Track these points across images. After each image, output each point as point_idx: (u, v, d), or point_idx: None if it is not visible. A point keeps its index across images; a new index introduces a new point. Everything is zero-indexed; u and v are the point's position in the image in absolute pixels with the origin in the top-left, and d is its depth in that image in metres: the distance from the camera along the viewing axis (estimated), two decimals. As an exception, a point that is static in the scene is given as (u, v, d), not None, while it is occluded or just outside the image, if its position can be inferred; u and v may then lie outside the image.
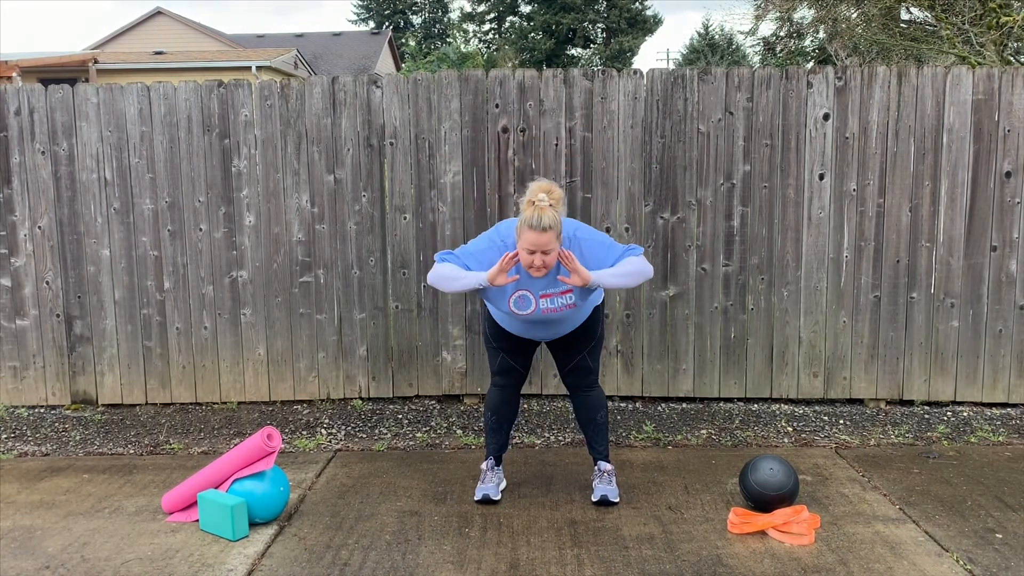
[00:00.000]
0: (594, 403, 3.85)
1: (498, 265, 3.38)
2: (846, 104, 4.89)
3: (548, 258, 3.36)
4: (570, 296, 3.51)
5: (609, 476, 3.85)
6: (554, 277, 3.48)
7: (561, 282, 3.45)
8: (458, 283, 3.49)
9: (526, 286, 3.51)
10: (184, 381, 5.22)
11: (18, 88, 5.06)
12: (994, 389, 5.05)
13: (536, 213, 3.31)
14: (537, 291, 3.51)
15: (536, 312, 3.54)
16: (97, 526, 3.69)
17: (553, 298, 3.51)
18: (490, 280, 3.39)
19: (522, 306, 3.53)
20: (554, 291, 3.50)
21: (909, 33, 13.84)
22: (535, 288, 3.51)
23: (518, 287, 3.51)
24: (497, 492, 3.86)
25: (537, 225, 3.30)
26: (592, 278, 3.40)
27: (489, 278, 3.39)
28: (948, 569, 3.23)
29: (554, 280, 3.48)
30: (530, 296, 3.52)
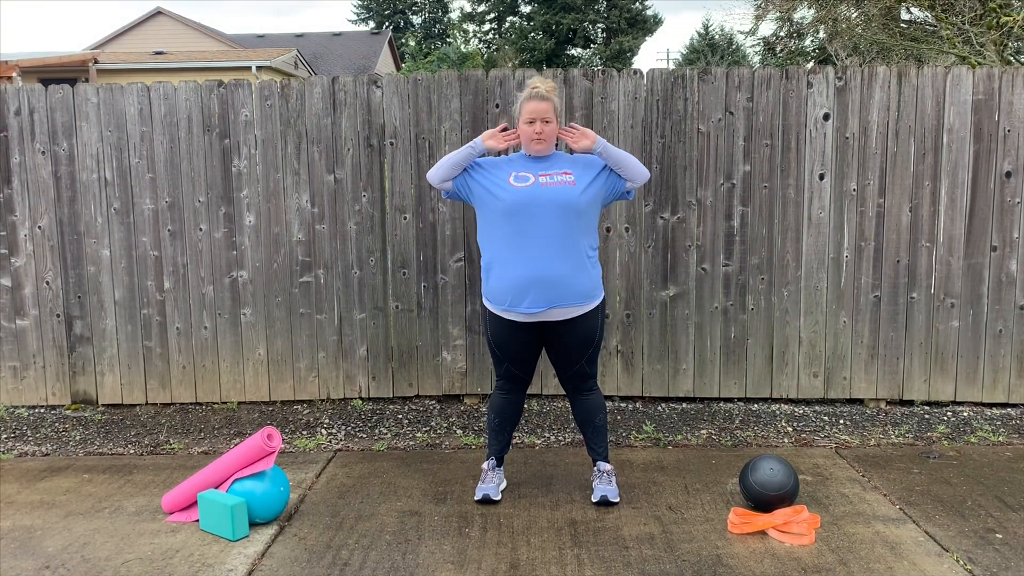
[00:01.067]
0: (592, 406, 3.85)
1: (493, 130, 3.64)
2: (846, 104, 4.89)
3: (547, 127, 3.55)
4: (569, 176, 3.57)
5: (609, 476, 3.85)
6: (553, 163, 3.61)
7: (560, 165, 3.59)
8: (453, 156, 3.65)
9: (525, 169, 3.62)
10: (184, 381, 5.22)
11: (18, 88, 5.06)
12: (994, 389, 5.05)
13: (534, 88, 3.58)
14: (537, 172, 3.60)
15: (535, 185, 3.54)
16: (97, 526, 3.69)
17: (552, 175, 3.58)
18: (483, 140, 3.62)
19: (521, 180, 3.57)
20: (554, 171, 3.60)
21: (909, 33, 13.84)
22: (535, 171, 3.60)
23: (516, 171, 3.61)
24: (497, 492, 3.86)
25: (536, 96, 3.55)
26: (599, 140, 3.56)
27: (483, 138, 3.63)
28: (948, 569, 3.23)
29: (553, 165, 3.61)
30: (529, 175, 3.59)
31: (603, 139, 3.60)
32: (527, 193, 3.53)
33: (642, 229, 5.02)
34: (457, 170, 3.64)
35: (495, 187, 3.59)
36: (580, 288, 3.59)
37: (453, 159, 3.64)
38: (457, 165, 3.63)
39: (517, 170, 3.63)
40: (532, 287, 3.53)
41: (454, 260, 5.08)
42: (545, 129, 3.55)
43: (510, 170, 3.63)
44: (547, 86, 3.60)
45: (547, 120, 3.55)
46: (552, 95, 3.58)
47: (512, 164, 3.67)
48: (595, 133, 3.61)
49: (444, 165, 3.66)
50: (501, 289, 3.60)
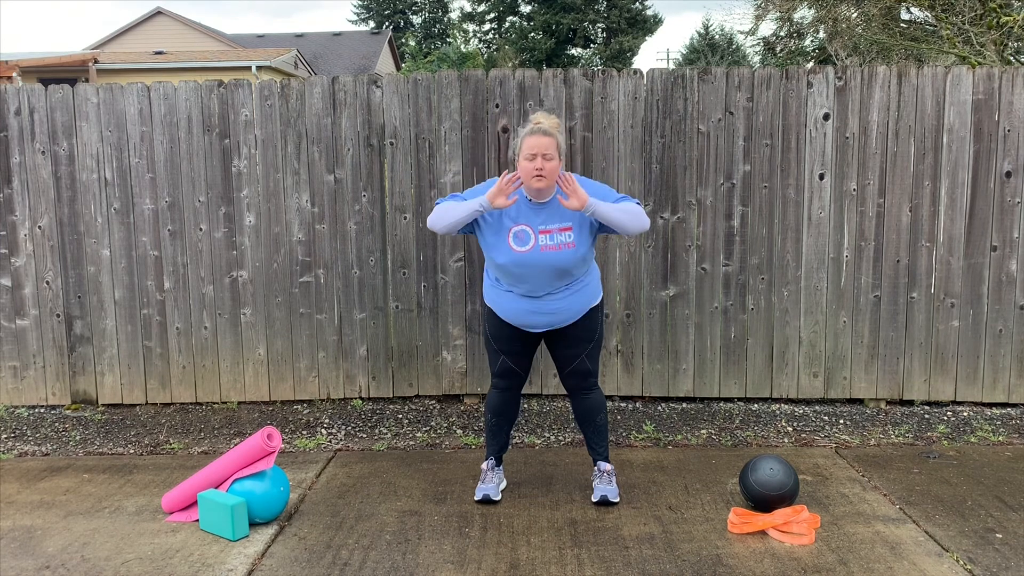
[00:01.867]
0: (593, 405, 3.85)
1: (498, 184, 3.42)
2: (846, 104, 4.89)
3: (549, 164, 3.43)
4: (569, 234, 3.53)
5: (609, 476, 3.85)
6: (553, 212, 3.53)
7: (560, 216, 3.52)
8: (458, 211, 3.53)
9: (525, 220, 3.54)
10: (184, 381, 5.22)
11: (18, 88, 5.06)
12: (994, 389, 5.05)
13: (537, 123, 3.48)
14: (536, 226, 3.54)
15: (535, 249, 3.50)
16: (97, 526, 3.69)
17: (552, 234, 3.53)
18: (490, 199, 3.44)
19: (521, 241, 3.53)
20: (554, 226, 3.53)
21: (909, 33, 13.84)
22: (534, 223, 3.54)
23: (517, 221, 3.54)
24: (497, 492, 3.87)
25: (538, 130, 3.45)
26: (589, 201, 3.43)
27: (489, 197, 3.45)
28: (948, 569, 3.23)
29: (553, 215, 3.53)
30: (529, 231, 3.53)
31: (594, 201, 3.43)
32: (526, 257, 3.54)
33: (642, 229, 5.02)
34: (460, 226, 3.58)
35: (495, 246, 3.59)
36: (579, 308, 3.70)
37: (457, 216, 3.52)
38: (461, 223, 3.56)
39: (517, 223, 3.54)
40: (533, 315, 3.67)
41: (454, 260, 5.08)
42: (547, 166, 3.41)
43: (510, 225, 3.54)
44: (550, 122, 3.50)
45: (549, 157, 3.42)
46: (555, 131, 3.47)
47: (512, 217, 3.55)
48: (587, 195, 3.41)
49: (447, 219, 3.56)
50: (503, 311, 3.72)
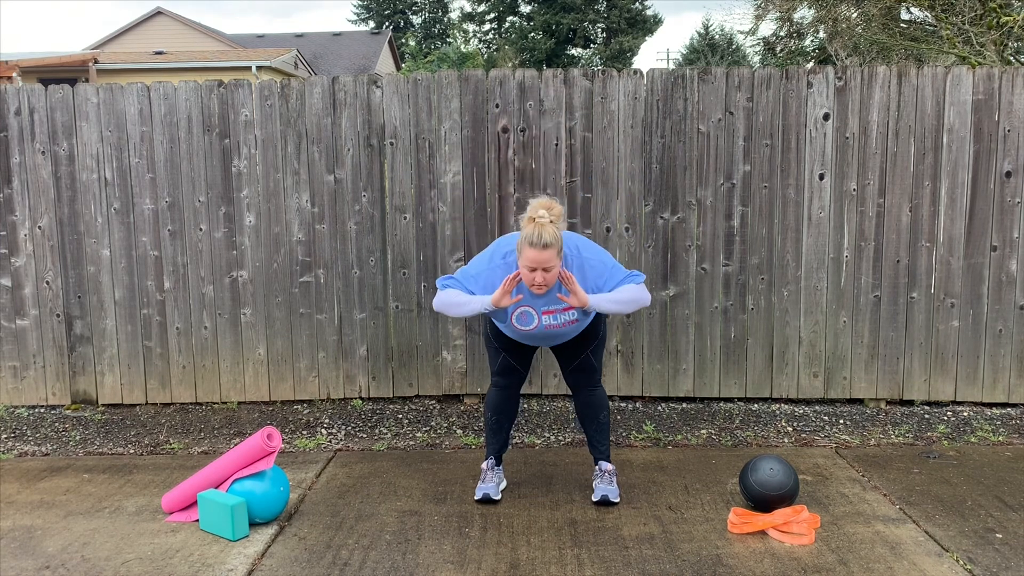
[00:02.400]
0: (597, 403, 3.85)
1: (501, 288, 3.42)
2: (846, 104, 4.89)
3: (549, 275, 3.39)
4: (572, 313, 3.56)
5: (610, 476, 3.85)
6: (554, 297, 3.51)
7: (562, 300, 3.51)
8: (464, 308, 3.55)
9: (528, 303, 3.54)
10: (184, 381, 5.22)
11: (18, 88, 5.06)
12: (994, 389, 5.05)
13: (536, 230, 3.34)
14: (539, 307, 3.54)
15: (539, 328, 3.59)
16: (97, 526, 3.69)
17: (556, 315, 3.56)
18: (494, 303, 3.45)
19: (525, 322, 3.58)
20: (556, 308, 3.54)
21: (909, 33, 13.84)
22: (537, 305, 3.54)
23: (520, 304, 3.55)
24: (497, 492, 3.87)
25: (538, 243, 3.34)
26: (590, 303, 3.45)
27: (493, 302, 3.45)
28: (948, 569, 3.23)
29: (555, 299, 3.52)
30: (532, 312, 3.56)
31: (594, 302, 3.46)
32: (531, 333, 3.63)
33: (642, 229, 5.02)
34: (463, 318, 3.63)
35: (499, 322, 3.66)
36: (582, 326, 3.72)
37: (462, 312, 3.56)
38: (464, 316, 3.72)
39: (520, 306, 3.55)
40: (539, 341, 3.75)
41: (454, 260, 5.08)
42: (547, 277, 3.39)
43: (513, 309, 3.55)
44: (552, 214, 3.40)
45: (548, 268, 3.37)
46: (555, 233, 3.36)
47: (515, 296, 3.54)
48: (586, 297, 3.42)
49: (452, 312, 3.59)
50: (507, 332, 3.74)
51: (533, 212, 3.41)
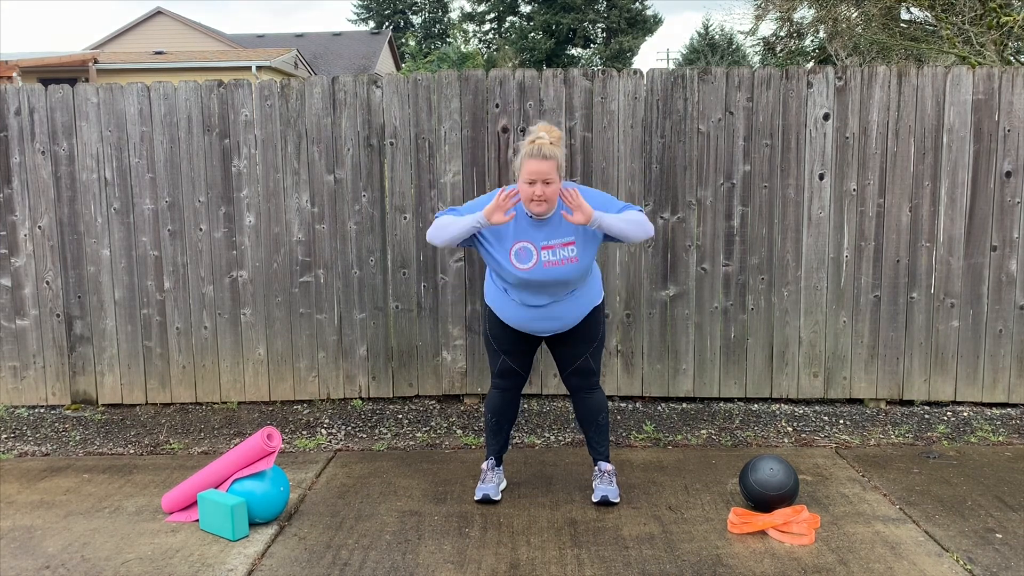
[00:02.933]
0: (595, 405, 3.85)
1: (495, 201, 3.35)
2: (846, 104, 4.89)
3: (549, 189, 3.35)
4: (572, 249, 3.47)
5: (610, 476, 3.85)
6: (555, 228, 3.47)
7: (563, 231, 3.45)
8: (456, 227, 3.45)
9: (527, 237, 3.47)
10: (184, 381, 5.22)
11: (18, 88, 5.06)
12: (994, 389, 5.05)
13: (537, 144, 3.37)
14: (539, 242, 3.46)
15: (538, 266, 3.45)
16: (97, 526, 3.69)
17: (555, 250, 3.46)
18: (487, 216, 3.36)
19: (523, 258, 3.47)
20: (556, 242, 3.47)
21: (909, 33, 13.85)
22: (537, 239, 3.47)
23: (518, 238, 3.47)
24: (497, 492, 3.87)
25: (538, 154, 3.34)
26: (595, 215, 3.35)
27: (486, 214, 3.36)
28: (948, 569, 3.23)
29: (555, 231, 3.47)
30: (531, 248, 3.47)
31: (599, 214, 3.35)
32: (529, 275, 3.48)
33: (642, 229, 5.02)
34: (458, 241, 3.50)
35: (496, 263, 3.54)
36: (582, 311, 3.70)
37: (455, 231, 3.46)
38: (459, 238, 3.48)
39: (519, 240, 3.48)
40: (536, 322, 3.66)
41: (454, 260, 5.08)
42: (547, 191, 3.35)
43: (513, 241, 3.48)
44: (552, 136, 3.40)
45: (548, 181, 3.34)
46: (556, 150, 3.37)
47: (514, 233, 3.49)
48: (591, 209, 3.33)
49: (445, 235, 3.49)
50: (505, 316, 3.72)
51: (533, 136, 3.43)
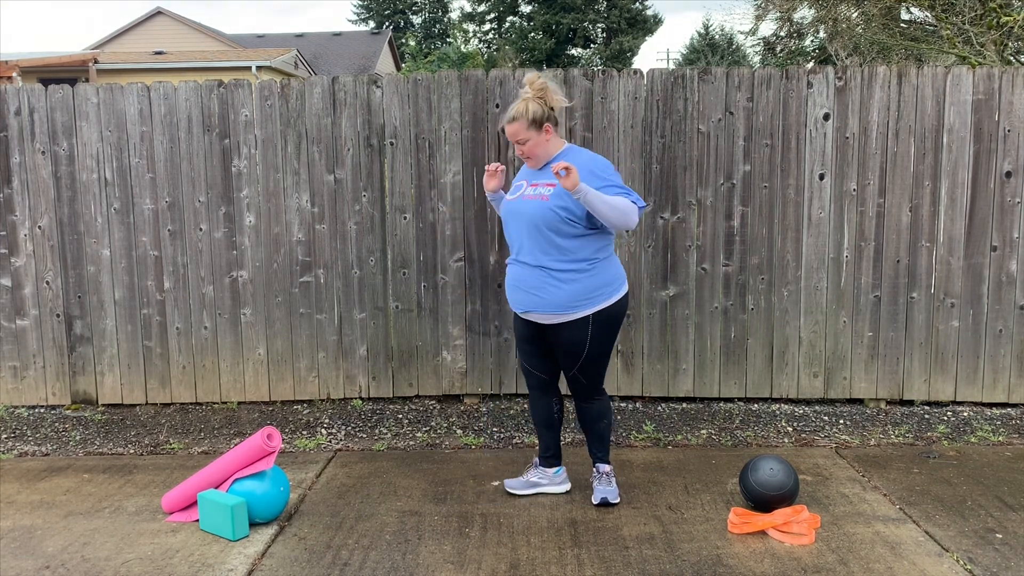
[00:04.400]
0: (591, 415, 3.79)
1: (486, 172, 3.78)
2: (846, 104, 4.89)
3: (526, 146, 3.54)
4: (550, 189, 3.50)
5: (608, 477, 3.84)
6: (547, 172, 3.57)
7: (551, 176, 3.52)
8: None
9: (525, 176, 3.68)
10: (184, 381, 5.22)
11: (18, 88, 5.06)
12: (994, 389, 5.05)
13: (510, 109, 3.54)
14: (530, 180, 3.64)
15: (520, 198, 3.60)
16: (97, 526, 3.69)
17: (537, 187, 3.57)
18: (485, 185, 3.81)
19: (514, 191, 3.68)
20: (541, 181, 3.57)
21: (909, 33, 13.85)
22: (530, 179, 3.65)
23: (521, 178, 3.71)
24: (519, 486, 3.91)
25: (507, 118, 3.53)
26: (580, 187, 3.33)
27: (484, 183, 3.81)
28: (948, 569, 3.23)
29: (546, 174, 3.57)
30: (524, 183, 3.66)
31: (585, 188, 3.34)
32: (512, 206, 3.64)
33: (642, 229, 5.02)
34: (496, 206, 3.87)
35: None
36: (550, 299, 3.52)
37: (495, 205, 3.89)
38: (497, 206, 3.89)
39: (521, 179, 3.71)
40: (516, 291, 3.64)
41: (454, 260, 5.08)
42: (524, 149, 3.55)
43: (519, 180, 3.73)
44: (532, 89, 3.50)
45: (522, 140, 3.53)
46: (526, 107, 3.48)
47: (522, 175, 3.74)
48: (578, 180, 3.32)
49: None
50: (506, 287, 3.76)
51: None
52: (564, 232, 3.49)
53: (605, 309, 3.56)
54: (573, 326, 3.56)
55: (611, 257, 3.63)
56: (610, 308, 3.57)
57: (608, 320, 3.58)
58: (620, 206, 3.41)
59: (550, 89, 3.54)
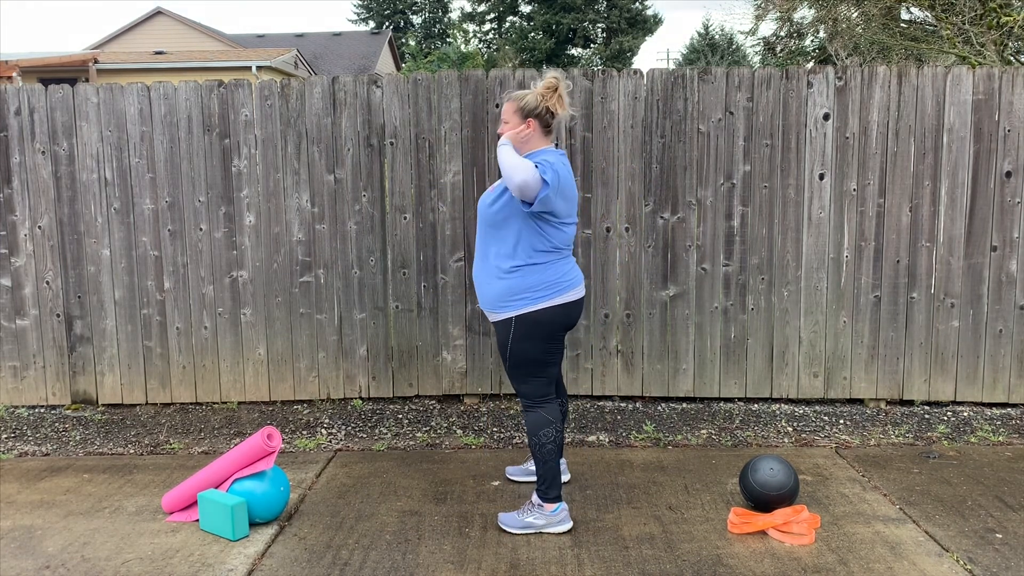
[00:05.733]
0: (526, 424, 3.55)
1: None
2: (846, 104, 4.89)
3: (504, 127, 3.54)
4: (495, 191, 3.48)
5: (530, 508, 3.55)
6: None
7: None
8: None
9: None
10: (184, 381, 5.22)
11: (18, 88, 5.06)
12: (994, 389, 5.05)
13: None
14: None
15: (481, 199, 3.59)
16: (97, 526, 3.69)
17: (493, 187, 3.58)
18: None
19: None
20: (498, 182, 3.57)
21: (909, 33, 13.85)
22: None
23: None
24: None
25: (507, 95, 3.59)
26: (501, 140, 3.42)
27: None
28: (948, 569, 3.23)
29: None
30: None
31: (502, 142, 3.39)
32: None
33: (642, 229, 5.02)
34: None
35: None
36: (487, 294, 3.50)
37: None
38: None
39: None
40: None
41: (454, 260, 5.08)
42: (501, 128, 3.54)
43: None
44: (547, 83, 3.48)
45: (504, 119, 3.53)
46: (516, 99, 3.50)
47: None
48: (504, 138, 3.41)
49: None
50: None
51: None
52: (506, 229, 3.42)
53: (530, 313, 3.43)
54: (498, 325, 3.52)
55: (552, 263, 3.45)
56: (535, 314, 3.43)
57: (523, 322, 3.44)
58: (513, 161, 3.28)
59: (558, 93, 3.48)
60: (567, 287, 3.48)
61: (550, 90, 3.47)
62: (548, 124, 3.51)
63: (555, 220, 3.41)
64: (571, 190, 3.48)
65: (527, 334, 3.45)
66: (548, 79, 3.50)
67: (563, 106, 3.49)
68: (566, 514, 3.56)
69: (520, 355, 3.49)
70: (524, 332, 3.45)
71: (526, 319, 3.44)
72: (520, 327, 3.45)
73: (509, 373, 3.56)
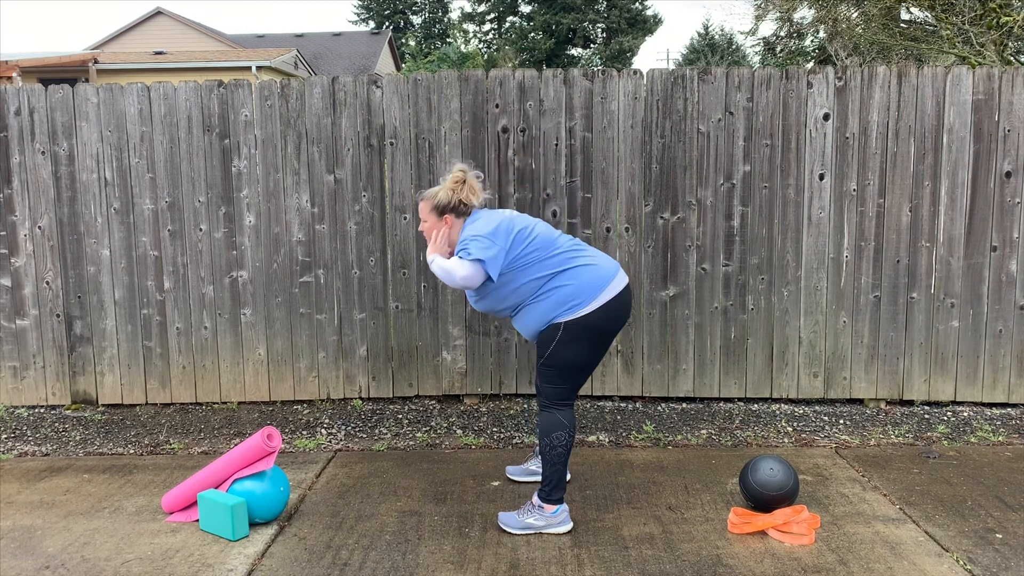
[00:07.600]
0: (540, 425, 3.52)
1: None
2: (846, 104, 4.89)
3: (424, 227, 3.61)
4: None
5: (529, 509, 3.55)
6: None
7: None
8: None
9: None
10: (184, 381, 5.22)
11: (18, 88, 5.06)
12: (994, 389, 5.05)
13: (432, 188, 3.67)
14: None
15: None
16: (97, 526, 3.69)
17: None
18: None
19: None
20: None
21: (909, 33, 13.86)
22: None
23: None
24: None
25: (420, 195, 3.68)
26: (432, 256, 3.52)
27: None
28: (948, 569, 3.23)
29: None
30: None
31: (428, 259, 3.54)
32: None
33: (642, 229, 5.02)
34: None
35: None
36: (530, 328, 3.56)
37: None
38: None
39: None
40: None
41: (454, 260, 5.07)
42: (423, 227, 3.60)
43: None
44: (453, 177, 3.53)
45: (423, 219, 3.59)
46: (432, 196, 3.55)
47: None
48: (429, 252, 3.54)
49: None
50: None
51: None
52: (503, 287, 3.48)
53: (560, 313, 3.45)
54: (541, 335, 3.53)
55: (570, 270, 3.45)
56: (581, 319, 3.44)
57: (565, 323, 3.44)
58: (446, 266, 3.41)
59: (467, 184, 3.51)
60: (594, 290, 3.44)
61: (459, 184, 3.51)
62: (466, 213, 3.55)
63: (532, 255, 3.44)
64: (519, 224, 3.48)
65: (574, 337, 3.45)
66: (455, 172, 3.53)
67: (475, 194, 3.53)
68: (566, 515, 3.55)
69: (558, 357, 3.47)
70: (572, 336, 3.44)
71: (574, 324, 3.43)
72: (568, 331, 3.44)
73: (539, 371, 3.53)
